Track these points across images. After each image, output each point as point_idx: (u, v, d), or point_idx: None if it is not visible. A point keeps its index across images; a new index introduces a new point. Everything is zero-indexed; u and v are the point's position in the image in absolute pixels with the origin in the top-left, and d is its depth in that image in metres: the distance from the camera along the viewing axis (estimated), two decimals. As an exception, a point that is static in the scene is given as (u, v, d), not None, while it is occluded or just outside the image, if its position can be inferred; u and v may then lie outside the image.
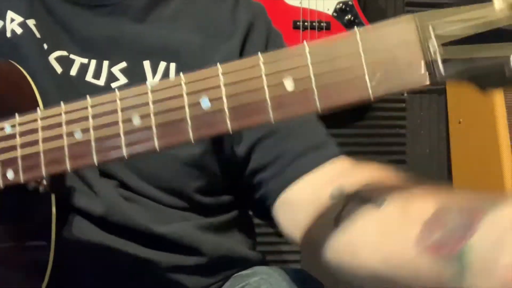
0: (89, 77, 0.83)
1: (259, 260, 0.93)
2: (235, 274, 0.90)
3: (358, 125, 2.11)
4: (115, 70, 0.83)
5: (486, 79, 0.45)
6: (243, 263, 0.91)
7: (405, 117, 2.19)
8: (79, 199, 0.78)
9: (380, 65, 0.47)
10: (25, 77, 0.76)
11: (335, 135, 2.05)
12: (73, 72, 0.82)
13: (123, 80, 0.83)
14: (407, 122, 2.20)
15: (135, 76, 0.83)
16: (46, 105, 0.73)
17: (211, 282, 0.89)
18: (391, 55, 0.47)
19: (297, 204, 0.79)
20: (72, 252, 0.77)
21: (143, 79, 0.83)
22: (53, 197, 0.72)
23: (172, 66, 0.83)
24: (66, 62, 0.82)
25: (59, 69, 0.82)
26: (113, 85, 0.82)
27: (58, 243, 0.73)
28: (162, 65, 0.83)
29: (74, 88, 0.82)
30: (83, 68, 0.83)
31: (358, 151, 2.07)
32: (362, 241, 0.66)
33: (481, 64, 0.44)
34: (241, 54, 0.85)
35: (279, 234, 1.69)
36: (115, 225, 0.80)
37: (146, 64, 0.82)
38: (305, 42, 0.50)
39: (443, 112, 2.25)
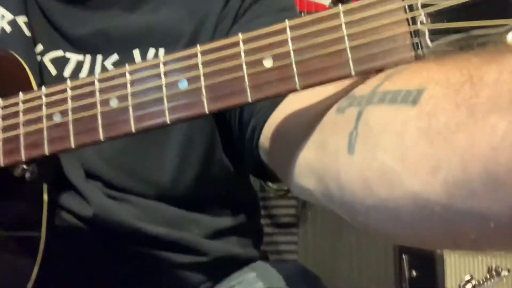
0: (83, 76, 0.76)
1: (261, 258, 0.87)
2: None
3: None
4: (108, 64, 0.77)
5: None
6: (246, 263, 0.84)
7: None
8: (67, 201, 0.73)
9: (362, 38, 0.41)
10: (21, 64, 0.70)
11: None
12: (67, 73, 0.76)
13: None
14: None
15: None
16: None
17: (209, 280, 0.82)
18: (374, 26, 0.40)
19: (288, 128, 0.59)
20: (62, 248, 0.71)
21: None
22: (45, 185, 0.65)
23: (161, 51, 0.77)
24: (60, 63, 0.76)
25: (53, 71, 0.76)
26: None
27: (49, 235, 0.66)
28: (151, 51, 0.77)
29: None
30: (78, 67, 0.76)
31: None
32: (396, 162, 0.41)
33: (475, 34, 0.37)
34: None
35: (275, 225, 1.64)
36: (106, 226, 0.74)
37: (136, 53, 0.75)
38: (286, 20, 0.43)
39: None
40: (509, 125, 0.32)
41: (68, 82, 0.52)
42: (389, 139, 0.39)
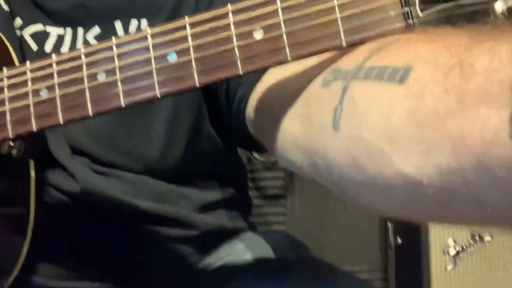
0: (64, 51, 0.74)
1: (250, 229, 0.87)
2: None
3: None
4: (90, 37, 0.75)
5: (469, 20, 0.38)
6: (235, 235, 0.85)
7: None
8: (54, 178, 0.71)
9: (354, 8, 0.40)
10: (1, 39, 0.68)
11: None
12: (48, 48, 0.74)
13: None
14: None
15: None
16: None
17: (199, 252, 0.82)
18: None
19: (272, 99, 0.58)
20: (51, 225, 0.71)
21: None
22: (31, 162, 0.64)
23: (144, 22, 0.75)
24: (41, 37, 0.74)
25: (34, 46, 0.74)
26: None
27: (38, 212, 0.66)
28: (134, 23, 0.75)
29: None
30: (59, 41, 0.74)
31: None
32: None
33: (463, 3, 0.37)
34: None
35: (263, 197, 1.64)
36: (95, 201, 0.73)
37: (118, 24, 0.74)
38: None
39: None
40: (500, 121, 0.31)
41: (54, 56, 0.51)
42: (375, 118, 0.39)
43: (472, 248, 1.48)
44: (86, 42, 0.74)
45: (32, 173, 0.65)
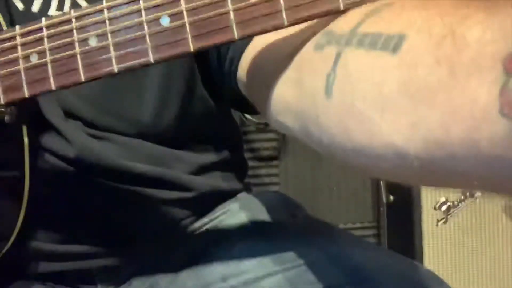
0: (52, 11, 0.72)
1: (245, 190, 0.87)
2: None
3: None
4: None
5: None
6: (230, 196, 0.85)
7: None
8: (48, 142, 0.70)
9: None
10: None
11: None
12: (35, 7, 0.71)
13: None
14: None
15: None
16: None
17: (194, 214, 0.82)
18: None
19: (264, 61, 0.57)
20: (47, 190, 0.70)
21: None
22: (24, 128, 0.63)
23: None
24: None
25: (20, 6, 0.71)
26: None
27: (33, 178, 0.65)
28: None
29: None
30: (46, 2, 0.72)
31: None
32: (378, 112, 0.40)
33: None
34: None
35: (256, 158, 1.64)
36: (90, 165, 0.72)
37: None
38: None
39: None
40: (490, 96, 0.30)
41: (43, 20, 0.49)
42: (368, 88, 0.38)
43: (463, 203, 1.50)
44: (75, 4, 0.72)
45: (26, 139, 0.64)
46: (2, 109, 0.56)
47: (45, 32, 0.49)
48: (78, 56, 0.47)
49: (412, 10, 0.38)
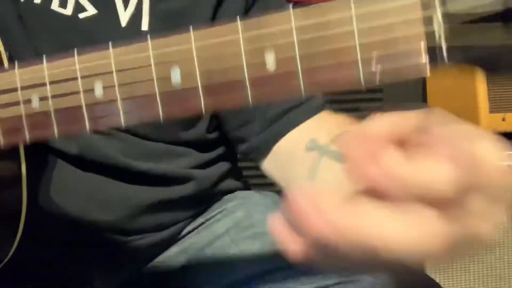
0: (55, 6, 0.71)
1: (244, 188, 0.88)
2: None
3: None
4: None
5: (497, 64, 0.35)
6: (229, 193, 0.86)
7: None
8: (51, 139, 0.69)
9: (375, 47, 0.37)
10: None
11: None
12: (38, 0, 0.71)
13: (91, 10, 0.72)
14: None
15: (105, 7, 0.72)
16: (8, 38, 0.64)
17: (193, 213, 0.83)
18: (388, 36, 0.36)
19: (283, 158, 0.76)
20: (47, 193, 0.70)
21: (113, 10, 0.73)
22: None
23: None
24: None
25: None
26: (81, 15, 0.71)
27: (31, 183, 0.64)
28: None
29: (38, 18, 0.71)
30: None
31: (336, 99, 1.96)
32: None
33: (494, 49, 0.34)
34: None
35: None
36: (93, 163, 0.72)
37: None
38: (291, 8, 0.39)
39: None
40: None
41: (44, 61, 0.47)
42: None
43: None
44: (78, 3, 0.71)
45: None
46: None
47: (47, 75, 0.46)
48: (84, 108, 0.45)
49: None
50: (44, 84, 0.47)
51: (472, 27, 0.35)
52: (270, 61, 0.39)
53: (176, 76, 0.42)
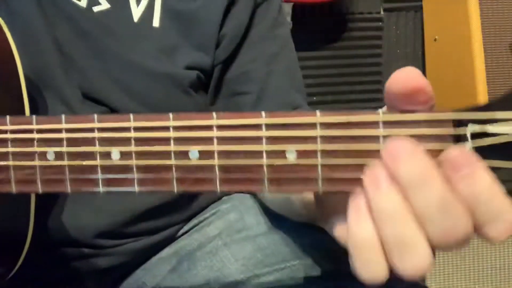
0: None
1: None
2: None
3: (334, 46, 1.98)
4: None
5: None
6: (225, 196, 0.86)
7: (381, 36, 2.06)
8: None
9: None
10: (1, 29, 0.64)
11: (311, 57, 1.96)
12: None
13: (105, 5, 0.74)
14: (383, 42, 2.07)
15: (118, 2, 0.74)
16: (28, 27, 0.66)
17: (187, 215, 0.84)
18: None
19: None
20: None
21: (126, 6, 0.75)
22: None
23: None
24: None
25: None
26: (95, 8, 0.74)
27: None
28: None
29: (57, 7, 0.73)
30: None
31: (335, 73, 1.98)
32: None
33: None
34: None
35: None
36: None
37: None
38: (317, 112, 0.39)
39: (419, 30, 2.13)
40: None
41: (63, 119, 0.47)
42: None
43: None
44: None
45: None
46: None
47: (64, 135, 0.46)
48: (99, 168, 0.45)
49: None
50: (61, 140, 0.47)
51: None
52: (291, 154, 0.39)
53: (194, 154, 0.42)
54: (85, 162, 0.46)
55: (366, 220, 0.37)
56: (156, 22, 0.76)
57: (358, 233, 0.37)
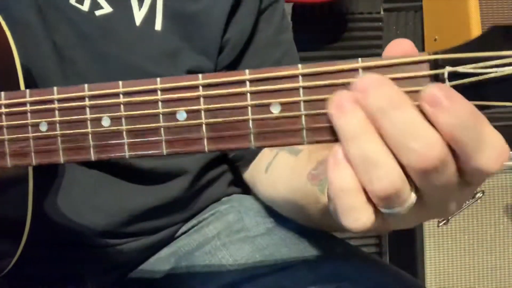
0: (73, 1, 0.73)
1: (242, 193, 0.89)
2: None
3: (334, 47, 1.99)
4: None
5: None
6: (225, 197, 0.87)
7: (381, 36, 2.07)
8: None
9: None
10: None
11: (311, 57, 1.97)
12: None
13: (107, 8, 0.74)
14: (384, 42, 2.08)
15: (120, 6, 0.74)
16: (27, 31, 0.66)
17: (190, 214, 0.84)
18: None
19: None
20: (55, 193, 0.72)
21: (128, 9, 0.75)
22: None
23: None
24: None
25: None
26: (97, 12, 0.73)
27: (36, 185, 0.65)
28: None
29: (58, 11, 0.73)
30: None
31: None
32: (280, 180, 0.74)
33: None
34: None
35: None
36: (100, 163, 0.73)
37: None
38: (299, 65, 0.40)
39: (419, 30, 2.14)
40: None
41: (55, 90, 0.48)
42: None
43: (464, 205, 1.50)
44: (94, 1, 0.73)
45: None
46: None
47: (56, 105, 0.47)
48: (90, 136, 0.46)
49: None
50: (53, 110, 0.48)
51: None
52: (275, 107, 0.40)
53: (181, 114, 0.43)
54: (76, 130, 0.47)
55: (343, 168, 0.38)
56: (158, 25, 0.75)
57: (336, 180, 0.38)
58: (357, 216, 0.38)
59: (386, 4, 2.06)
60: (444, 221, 1.52)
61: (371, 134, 0.37)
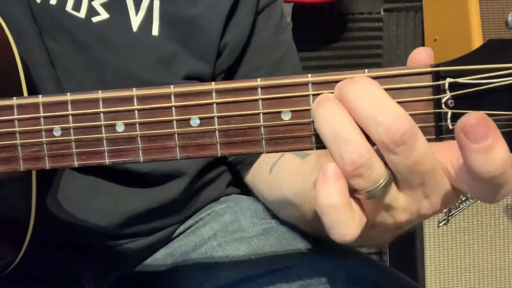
0: (69, 8, 0.73)
1: (241, 192, 0.91)
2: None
3: (334, 47, 2.00)
4: (96, 4, 0.74)
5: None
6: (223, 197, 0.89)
7: (382, 36, 2.08)
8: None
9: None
10: None
11: (311, 58, 1.98)
12: (53, 1, 0.73)
13: (104, 15, 0.74)
14: (384, 42, 2.10)
15: (117, 12, 0.74)
16: (21, 39, 0.66)
17: (187, 215, 0.86)
18: (399, 100, 0.39)
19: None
20: (55, 195, 0.73)
21: (125, 15, 0.75)
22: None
23: (156, 4, 0.74)
24: None
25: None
26: (94, 19, 0.73)
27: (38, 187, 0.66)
28: (146, 1, 0.74)
29: (54, 19, 0.73)
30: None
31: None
32: (284, 182, 0.73)
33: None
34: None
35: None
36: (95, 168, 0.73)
37: None
38: (309, 75, 0.42)
39: (419, 30, 2.15)
40: None
41: (69, 96, 0.49)
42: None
43: (463, 205, 1.52)
44: (91, 7, 0.73)
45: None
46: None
47: (70, 110, 0.49)
48: (104, 141, 0.48)
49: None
50: (67, 116, 0.49)
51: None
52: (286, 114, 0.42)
53: (195, 120, 0.45)
54: (91, 136, 0.48)
55: (332, 185, 0.40)
56: (155, 31, 0.75)
57: (323, 196, 0.40)
58: (344, 232, 0.41)
59: (386, 4, 2.08)
60: (444, 221, 1.54)
61: (341, 113, 0.40)
